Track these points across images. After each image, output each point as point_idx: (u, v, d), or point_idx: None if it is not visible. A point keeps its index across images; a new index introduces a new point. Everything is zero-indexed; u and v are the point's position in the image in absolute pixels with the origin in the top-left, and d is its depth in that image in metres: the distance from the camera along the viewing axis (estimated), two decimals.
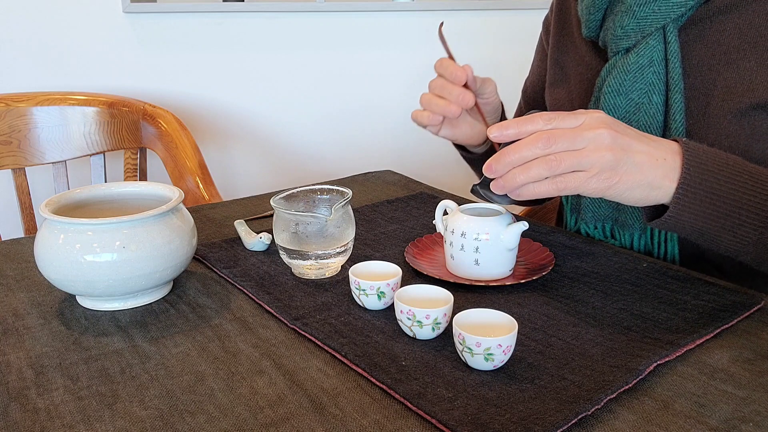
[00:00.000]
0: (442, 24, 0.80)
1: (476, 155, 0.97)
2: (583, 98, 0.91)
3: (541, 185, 0.60)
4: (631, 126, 0.81)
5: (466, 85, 0.79)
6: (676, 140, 0.66)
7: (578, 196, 0.88)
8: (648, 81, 0.79)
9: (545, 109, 1.03)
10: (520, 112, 1.13)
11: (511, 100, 1.43)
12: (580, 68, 0.92)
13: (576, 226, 0.90)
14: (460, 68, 0.78)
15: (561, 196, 0.96)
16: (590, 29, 0.87)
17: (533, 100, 1.09)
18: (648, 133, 0.80)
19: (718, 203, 0.63)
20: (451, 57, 0.80)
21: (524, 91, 1.12)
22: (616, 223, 0.85)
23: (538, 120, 0.61)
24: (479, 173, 1.00)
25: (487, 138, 0.89)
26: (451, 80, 0.78)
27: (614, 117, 0.82)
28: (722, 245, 0.66)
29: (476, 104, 0.80)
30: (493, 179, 0.62)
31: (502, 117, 0.94)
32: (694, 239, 0.67)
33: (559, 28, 0.98)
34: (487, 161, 0.61)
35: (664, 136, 0.80)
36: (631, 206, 0.82)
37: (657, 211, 0.68)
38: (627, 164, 0.61)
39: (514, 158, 0.60)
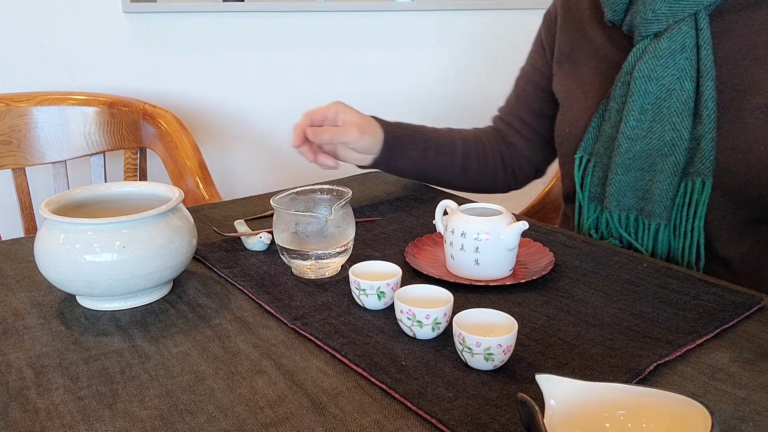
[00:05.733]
0: None
1: (375, 165, 1.00)
2: (597, 89, 0.90)
3: None
4: (662, 112, 0.80)
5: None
6: None
7: (602, 184, 0.88)
8: (680, 67, 0.79)
9: (536, 106, 1.02)
10: (508, 109, 1.10)
11: None
12: (594, 60, 0.92)
13: (595, 215, 0.89)
14: (299, 143, 0.93)
15: (568, 190, 0.95)
16: (615, 12, 0.86)
17: (524, 91, 1.07)
18: (679, 119, 0.79)
19: None
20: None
21: (516, 87, 1.10)
22: (641, 213, 0.84)
23: None
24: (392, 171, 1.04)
25: (375, 156, 0.98)
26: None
27: (643, 102, 0.82)
28: None
29: (336, 151, 0.96)
30: None
31: (388, 136, 0.97)
32: None
33: (566, 21, 0.97)
34: None
35: (694, 123, 0.80)
36: (658, 194, 0.82)
37: None
38: None
39: None
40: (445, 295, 0.61)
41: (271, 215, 0.84)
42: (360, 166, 1.00)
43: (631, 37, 0.86)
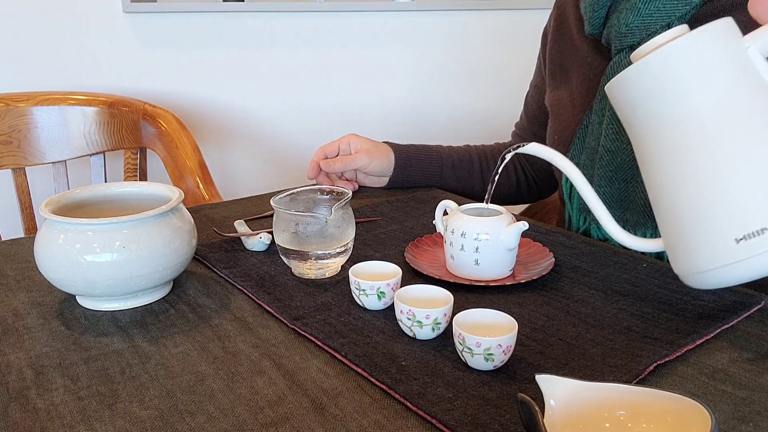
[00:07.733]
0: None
1: (393, 186, 1.07)
2: (584, 97, 0.91)
3: None
4: None
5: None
6: None
7: None
8: None
9: (544, 121, 1.04)
10: (522, 125, 1.14)
11: (511, 100, 1.43)
12: (582, 68, 0.92)
13: (585, 225, 0.90)
14: (314, 175, 1.03)
15: (563, 196, 0.96)
16: (593, 26, 0.87)
17: (533, 113, 1.10)
18: None
19: None
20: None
21: (525, 105, 1.14)
22: (627, 224, 0.85)
23: None
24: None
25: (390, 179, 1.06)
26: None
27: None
28: None
29: (356, 177, 1.06)
30: None
31: (400, 160, 1.04)
32: None
33: (558, 32, 0.99)
34: None
35: None
36: (641, 204, 0.82)
37: None
38: None
39: None
40: (445, 296, 0.61)
41: (271, 215, 0.84)
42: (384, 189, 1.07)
43: None
